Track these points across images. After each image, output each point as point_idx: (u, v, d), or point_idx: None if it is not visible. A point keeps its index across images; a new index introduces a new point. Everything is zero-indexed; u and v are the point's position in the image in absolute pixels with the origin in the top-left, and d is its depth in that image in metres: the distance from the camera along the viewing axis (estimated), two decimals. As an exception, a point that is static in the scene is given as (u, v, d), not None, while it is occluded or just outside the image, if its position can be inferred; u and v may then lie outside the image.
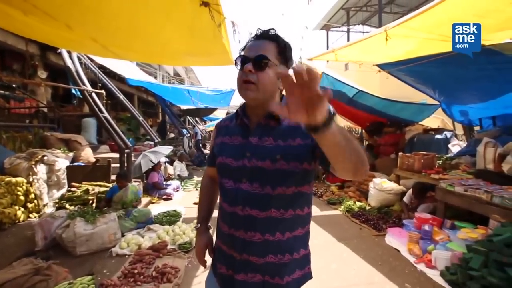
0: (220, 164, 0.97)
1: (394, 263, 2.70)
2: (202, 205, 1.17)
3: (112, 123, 5.23)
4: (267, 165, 0.85)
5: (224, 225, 0.95)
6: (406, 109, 5.65)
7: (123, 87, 9.87)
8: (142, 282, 2.36)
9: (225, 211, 0.94)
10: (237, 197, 0.89)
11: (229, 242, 0.93)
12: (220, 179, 0.97)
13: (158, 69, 17.36)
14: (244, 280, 0.89)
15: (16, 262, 2.41)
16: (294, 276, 0.92)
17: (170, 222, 3.85)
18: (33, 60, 7.09)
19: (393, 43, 2.78)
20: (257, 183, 0.87)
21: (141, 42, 3.23)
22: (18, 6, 2.34)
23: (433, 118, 6.67)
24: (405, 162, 4.39)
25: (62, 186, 4.52)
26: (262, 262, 0.88)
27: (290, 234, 0.90)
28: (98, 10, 2.46)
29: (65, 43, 3.76)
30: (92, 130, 7.38)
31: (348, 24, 14.15)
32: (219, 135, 1.03)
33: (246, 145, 0.90)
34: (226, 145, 0.97)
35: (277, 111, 0.57)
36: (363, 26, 14.87)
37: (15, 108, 7.19)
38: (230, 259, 0.92)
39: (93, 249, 2.97)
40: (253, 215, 0.87)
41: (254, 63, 0.84)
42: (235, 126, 0.98)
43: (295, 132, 0.88)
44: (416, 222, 3.16)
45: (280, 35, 0.91)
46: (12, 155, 4.20)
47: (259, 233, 0.87)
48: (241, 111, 0.97)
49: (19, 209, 3.68)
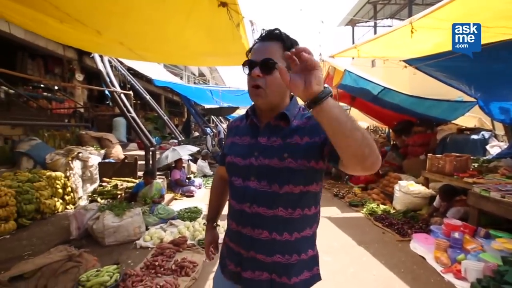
0: (229, 163, 0.99)
1: (418, 271, 2.55)
2: (211, 203, 1.21)
3: (138, 122, 5.52)
4: (275, 163, 0.86)
5: (232, 222, 0.96)
6: (436, 107, 5.25)
7: (150, 87, 10.37)
8: (162, 274, 2.48)
9: (234, 208, 0.96)
10: (245, 194, 0.91)
11: (237, 239, 0.95)
12: (230, 177, 0.99)
13: (184, 70, 17.94)
14: (252, 277, 0.90)
15: (54, 248, 2.66)
16: (302, 277, 0.91)
17: (191, 218, 3.99)
18: (71, 64, 7.71)
19: (419, 36, 2.60)
20: (265, 181, 0.88)
21: (163, 44, 3.36)
22: (53, 15, 2.56)
23: (469, 116, 6.14)
24: (435, 164, 4.11)
25: (95, 181, 4.87)
26: (269, 260, 0.88)
27: (298, 235, 0.89)
28: (123, 15, 2.61)
29: (95, 47, 4.04)
30: (122, 129, 7.83)
31: (375, 19, 13.50)
32: (230, 135, 1.05)
33: (255, 145, 0.92)
34: (236, 144, 0.99)
35: (281, 74, 0.66)
36: (392, 20, 14.08)
37: (56, 108, 7.87)
38: (238, 256, 0.94)
39: (120, 240, 3.17)
40: (261, 213, 0.88)
41: (261, 67, 0.83)
42: (245, 126, 1.00)
43: (303, 130, 0.88)
44: (445, 229, 2.95)
45: (285, 33, 0.89)
46: (52, 152, 4.61)
47: (266, 231, 0.88)
48: (251, 111, 0.98)
49: (58, 201, 4.04)
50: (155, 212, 3.86)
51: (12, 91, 6.70)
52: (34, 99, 7.54)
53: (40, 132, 5.24)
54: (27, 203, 3.50)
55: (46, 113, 7.28)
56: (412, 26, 2.54)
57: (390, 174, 5.37)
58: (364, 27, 15.24)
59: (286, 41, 0.86)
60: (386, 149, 7.49)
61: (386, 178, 5.35)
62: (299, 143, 0.86)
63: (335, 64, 5.11)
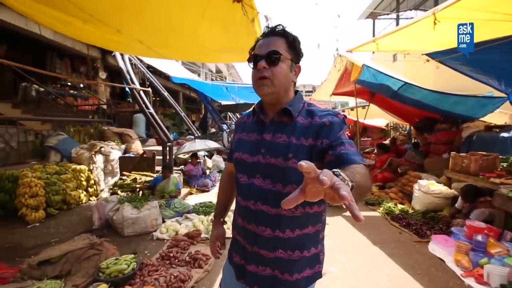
0: (236, 159, 1.00)
1: (436, 274, 2.45)
2: (219, 199, 1.22)
3: (156, 118, 5.70)
4: (280, 162, 0.87)
5: (239, 217, 0.99)
6: (461, 103, 4.94)
7: (169, 84, 10.63)
8: (176, 265, 2.57)
9: (240, 205, 0.98)
10: (250, 191, 0.92)
11: (242, 234, 0.97)
12: (236, 174, 1.01)
13: (202, 67, 18.20)
14: (255, 271, 0.92)
15: (77, 236, 2.85)
16: (304, 274, 0.92)
17: (205, 212, 4.08)
18: (95, 62, 8.09)
19: (443, 28, 2.47)
20: (269, 180, 0.89)
21: (179, 41, 3.44)
22: (78, 16, 2.70)
23: (499, 113, 5.70)
24: (459, 163, 3.89)
25: (115, 174, 5.11)
26: (272, 256, 0.90)
27: (300, 232, 0.90)
28: (141, 14, 2.70)
29: (116, 46, 4.20)
30: (142, 125, 8.12)
31: (398, 11, 12.88)
32: (237, 132, 1.07)
33: (261, 142, 0.92)
34: (243, 141, 1.00)
35: (290, 201, 0.52)
36: (416, 12, 13.37)
37: (81, 105, 8.31)
38: (243, 249, 0.96)
39: (138, 231, 3.31)
40: (264, 211, 0.89)
41: (266, 59, 0.87)
42: (251, 123, 1.01)
43: (309, 131, 0.88)
44: (467, 231, 2.80)
45: (287, 30, 0.91)
46: (77, 146, 4.88)
47: (269, 229, 0.89)
48: (258, 107, 0.99)
49: (82, 193, 4.28)
50: (172, 205, 3.99)
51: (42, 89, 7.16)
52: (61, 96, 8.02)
53: (67, 128, 5.56)
54: (54, 194, 3.75)
55: (72, 110, 7.72)
56: (435, 17, 2.42)
57: (410, 173, 5.16)
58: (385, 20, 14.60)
59: (289, 37, 0.90)
60: (407, 147, 7.19)
61: (405, 177, 5.14)
62: (304, 144, 0.86)
63: (353, 59, 4.97)
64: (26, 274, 2.20)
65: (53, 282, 2.09)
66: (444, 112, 5.50)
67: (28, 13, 2.97)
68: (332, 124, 0.86)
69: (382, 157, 6.09)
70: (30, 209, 3.44)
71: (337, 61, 5.67)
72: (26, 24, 5.53)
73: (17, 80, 6.89)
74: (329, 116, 0.88)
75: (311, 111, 0.92)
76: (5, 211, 3.50)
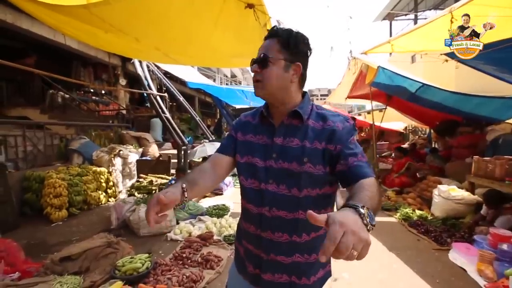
0: (246, 163, 0.95)
1: (457, 284, 2.32)
2: (190, 174, 0.99)
3: (172, 122, 5.87)
4: (294, 167, 0.86)
5: (251, 226, 0.95)
6: (486, 105, 4.69)
7: (185, 90, 10.94)
8: (189, 266, 2.61)
9: (251, 213, 0.94)
10: (263, 198, 0.89)
11: (256, 242, 0.94)
12: (244, 180, 0.95)
13: (217, 72, 18.55)
14: (271, 280, 0.90)
15: (96, 235, 2.97)
16: (318, 275, 0.92)
17: (218, 215, 4.12)
18: (116, 70, 8.49)
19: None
20: (284, 185, 0.87)
21: (194, 47, 3.55)
22: (100, 26, 2.87)
23: (528, 114, 5.38)
24: (483, 167, 3.68)
25: (133, 177, 5.30)
26: (289, 261, 0.89)
27: (314, 234, 0.89)
28: (158, 23, 2.84)
29: (135, 53, 4.40)
30: (158, 129, 8.39)
31: (416, 11, 12.50)
32: (240, 130, 1.01)
33: (272, 146, 0.91)
34: (252, 144, 0.96)
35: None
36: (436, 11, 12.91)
37: (102, 110, 8.73)
38: (257, 258, 0.93)
39: (153, 232, 3.41)
40: (281, 216, 0.88)
41: (258, 62, 0.89)
42: (259, 125, 0.98)
43: (322, 135, 0.87)
44: (491, 239, 2.63)
45: (282, 28, 0.91)
46: (98, 149, 5.13)
47: (286, 234, 0.88)
48: (265, 110, 0.97)
49: (101, 194, 4.48)
50: (186, 207, 4.07)
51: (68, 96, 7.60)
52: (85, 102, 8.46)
53: (89, 132, 5.87)
54: (76, 194, 3.95)
55: (94, 115, 8.14)
56: (452, 15, 2.34)
57: (429, 177, 4.94)
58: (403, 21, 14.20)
59: (282, 35, 0.89)
60: (426, 150, 6.91)
61: (424, 182, 4.93)
62: (318, 148, 0.86)
63: (367, 61, 4.86)
64: (49, 269, 2.33)
65: (73, 278, 2.20)
66: (467, 114, 5.25)
67: (57, 25, 3.20)
68: (345, 129, 0.86)
69: (400, 161, 5.88)
70: (54, 208, 3.65)
71: (351, 64, 5.59)
72: (54, 35, 5.93)
73: (45, 87, 7.38)
74: (341, 121, 0.88)
75: (323, 114, 0.91)
76: (32, 210, 3.73)
